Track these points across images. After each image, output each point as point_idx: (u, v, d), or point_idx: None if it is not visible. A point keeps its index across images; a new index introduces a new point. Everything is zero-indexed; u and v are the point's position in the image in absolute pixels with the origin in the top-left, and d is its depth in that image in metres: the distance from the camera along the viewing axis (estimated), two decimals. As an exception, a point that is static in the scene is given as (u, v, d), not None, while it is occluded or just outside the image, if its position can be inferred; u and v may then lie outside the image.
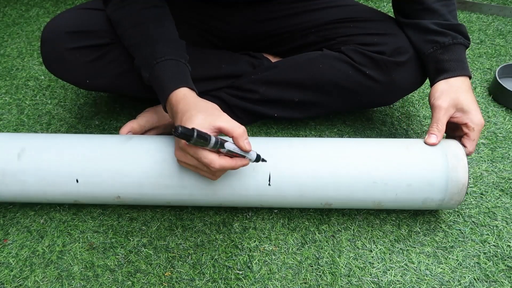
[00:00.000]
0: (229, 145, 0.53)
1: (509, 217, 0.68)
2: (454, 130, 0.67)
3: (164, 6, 0.66)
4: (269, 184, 0.60)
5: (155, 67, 0.60)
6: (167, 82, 0.59)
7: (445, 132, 0.71)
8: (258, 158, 0.57)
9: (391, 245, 0.64)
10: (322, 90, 0.77)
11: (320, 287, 0.59)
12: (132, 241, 0.65)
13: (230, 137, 0.54)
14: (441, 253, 0.63)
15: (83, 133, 0.85)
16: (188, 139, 0.48)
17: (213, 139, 0.50)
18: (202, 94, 0.67)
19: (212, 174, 0.55)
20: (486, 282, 0.59)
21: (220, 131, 0.53)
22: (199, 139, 0.49)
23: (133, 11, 0.64)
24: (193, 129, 0.48)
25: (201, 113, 0.53)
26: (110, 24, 0.69)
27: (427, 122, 0.87)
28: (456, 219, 0.67)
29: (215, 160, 0.52)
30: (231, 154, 0.54)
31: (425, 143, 0.62)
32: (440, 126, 0.62)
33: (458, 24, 0.67)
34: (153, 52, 0.60)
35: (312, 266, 0.61)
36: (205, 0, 0.78)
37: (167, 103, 0.59)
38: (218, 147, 0.52)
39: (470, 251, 0.63)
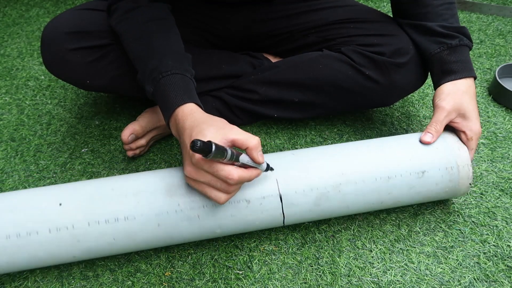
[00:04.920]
0: (244, 158, 0.50)
1: (509, 217, 0.68)
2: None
3: (169, 18, 0.65)
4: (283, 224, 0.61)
5: (160, 81, 0.57)
6: (173, 97, 0.56)
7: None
8: (267, 168, 0.56)
9: (391, 245, 0.64)
10: (322, 90, 0.77)
11: (320, 287, 0.59)
12: (132, 241, 0.65)
13: (243, 149, 0.51)
14: (441, 253, 0.63)
15: (83, 133, 0.85)
16: (206, 153, 0.44)
17: (229, 151, 0.47)
18: (202, 94, 0.66)
19: (226, 190, 0.51)
20: (486, 282, 0.59)
21: (234, 144, 0.51)
22: (217, 152, 0.45)
23: (137, 23, 0.62)
24: (210, 142, 0.45)
25: (212, 127, 0.50)
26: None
27: (427, 122, 0.87)
28: (456, 219, 0.68)
29: (233, 171, 0.49)
30: (244, 166, 0.52)
31: (420, 140, 0.62)
32: (438, 127, 0.62)
33: (462, 27, 0.67)
34: (158, 66, 0.58)
35: (312, 266, 0.61)
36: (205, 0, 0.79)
37: (172, 119, 0.56)
38: (234, 160, 0.49)
39: (470, 251, 0.63)
